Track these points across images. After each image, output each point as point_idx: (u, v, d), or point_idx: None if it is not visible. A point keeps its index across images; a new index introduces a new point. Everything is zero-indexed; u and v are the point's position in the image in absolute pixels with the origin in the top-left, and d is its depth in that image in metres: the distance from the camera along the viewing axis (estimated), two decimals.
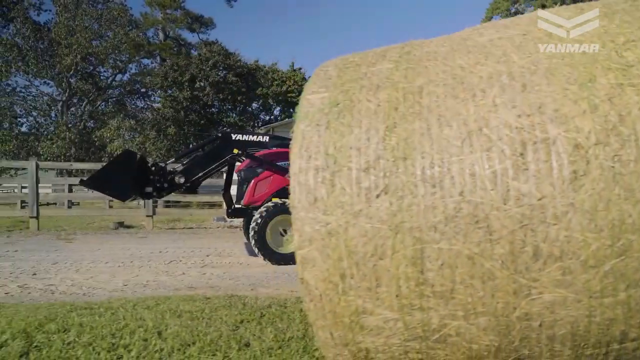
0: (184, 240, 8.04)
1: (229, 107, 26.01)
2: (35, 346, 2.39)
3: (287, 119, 16.02)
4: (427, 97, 1.50)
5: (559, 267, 1.30)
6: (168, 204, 18.24)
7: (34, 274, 4.89)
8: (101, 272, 5.01)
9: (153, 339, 2.46)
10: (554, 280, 1.31)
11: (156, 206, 10.72)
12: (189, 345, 2.37)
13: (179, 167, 6.12)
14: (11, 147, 23.09)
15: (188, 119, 23.88)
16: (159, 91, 26.45)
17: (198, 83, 23.70)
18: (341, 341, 1.59)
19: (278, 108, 27.79)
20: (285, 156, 6.05)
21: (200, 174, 5.96)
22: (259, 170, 5.96)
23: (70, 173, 22.38)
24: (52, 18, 26.33)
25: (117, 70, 26.63)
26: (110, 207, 18.20)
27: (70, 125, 24.43)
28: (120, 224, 11.44)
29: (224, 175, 7.47)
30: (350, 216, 1.45)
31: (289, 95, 25.50)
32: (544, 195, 1.29)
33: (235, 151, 5.95)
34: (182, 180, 5.82)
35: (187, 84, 23.05)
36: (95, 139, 24.02)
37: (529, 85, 1.40)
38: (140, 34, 26.10)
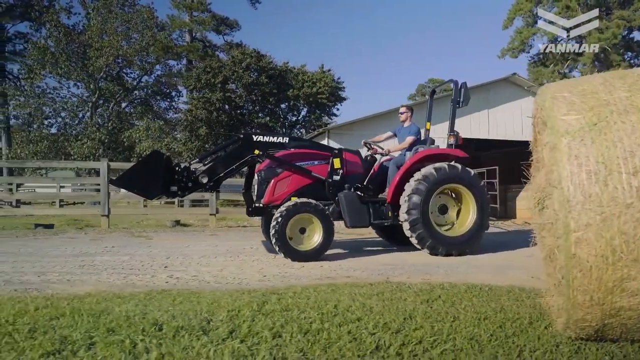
0: (257, 238, 8.44)
1: (258, 108, 26.57)
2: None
3: (344, 121, 16.37)
4: None
5: None
6: (195, 203, 18.83)
7: (165, 267, 5.34)
8: (224, 265, 5.43)
9: (373, 314, 2.91)
10: None
11: (222, 205, 11.23)
12: (407, 319, 2.84)
13: (200, 166, 6.39)
14: (42, 147, 23.70)
15: (219, 119, 24.45)
16: (186, 92, 27.12)
17: (230, 85, 24.30)
18: (598, 302, 2.12)
19: (305, 109, 28.38)
20: (303, 156, 6.45)
21: (222, 174, 6.27)
22: (279, 170, 6.24)
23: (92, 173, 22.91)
24: (81, 20, 27.05)
25: (144, 72, 27.27)
26: (145, 206, 18.81)
27: (98, 126, 25.04)
28: (177, 222, 11.99)
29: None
30: (623, 207, 1.99)
31: (319, 96, 26.07)
32: None
33: (256, 152, 6.26)
34: (205, 179, 6.14)
35: (219, 85, 23.64)
36: (124, 140, 24.62)
37: None
38: (167, 36, 26.72)
